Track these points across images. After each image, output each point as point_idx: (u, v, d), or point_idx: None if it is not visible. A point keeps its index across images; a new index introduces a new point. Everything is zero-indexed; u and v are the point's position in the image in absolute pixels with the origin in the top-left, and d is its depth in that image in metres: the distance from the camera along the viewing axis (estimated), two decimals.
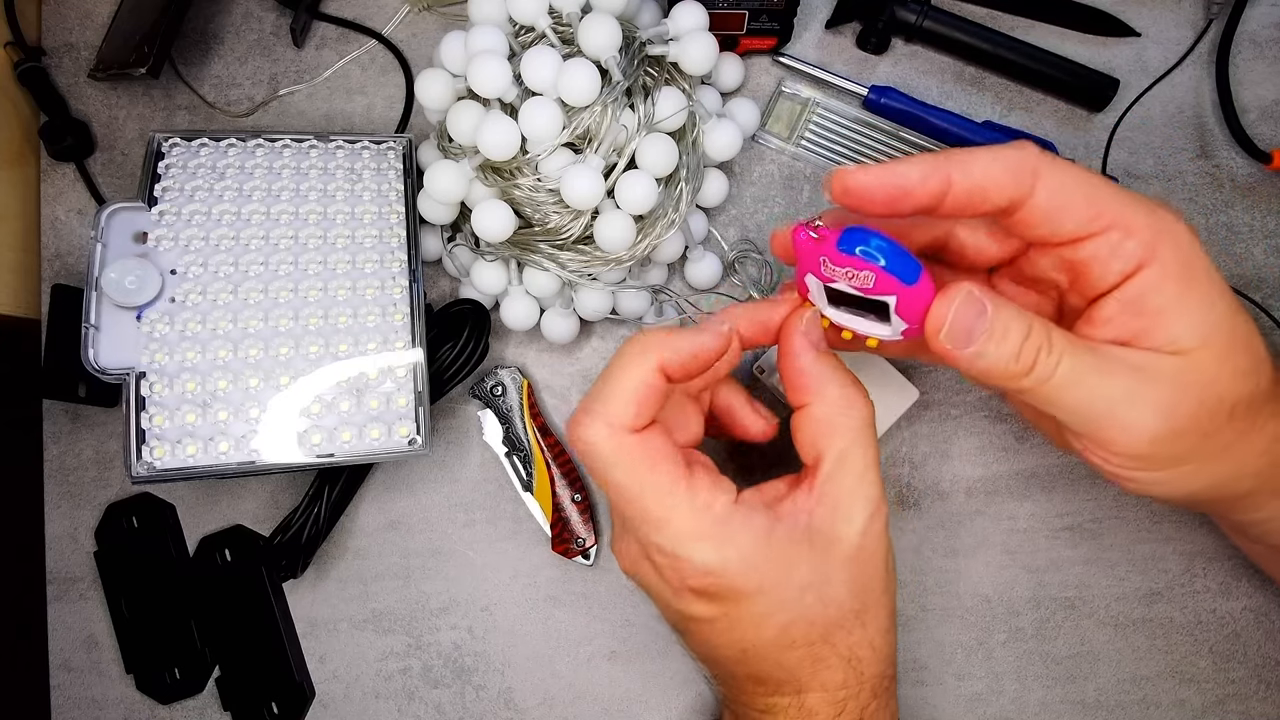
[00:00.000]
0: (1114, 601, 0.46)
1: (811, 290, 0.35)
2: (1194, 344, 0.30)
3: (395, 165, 0.45)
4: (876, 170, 0.31)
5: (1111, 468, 0.32)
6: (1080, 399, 0.31)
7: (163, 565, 0.47)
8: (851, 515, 0.34)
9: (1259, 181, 0.48)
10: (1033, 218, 0.31)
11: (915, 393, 0.45)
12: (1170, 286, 0.31)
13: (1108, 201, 0.31)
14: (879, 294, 0.31)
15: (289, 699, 0.46)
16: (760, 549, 0.33)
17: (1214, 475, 0.32)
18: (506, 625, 0.47)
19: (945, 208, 0.31)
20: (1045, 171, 0.30)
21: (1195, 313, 0.31)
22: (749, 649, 0.34)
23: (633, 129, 0.40)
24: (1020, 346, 0.30)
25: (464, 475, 0.47)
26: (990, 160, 0.30)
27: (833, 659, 0.34)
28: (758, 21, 0.45)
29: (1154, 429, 0.30)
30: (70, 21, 0.51)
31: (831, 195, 0.32)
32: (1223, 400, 0.31)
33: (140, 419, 0.38)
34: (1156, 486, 0.33)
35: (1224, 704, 0.45)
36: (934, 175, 0.30)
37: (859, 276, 0.31)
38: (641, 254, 0.42)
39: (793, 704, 0.35)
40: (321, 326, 0.41)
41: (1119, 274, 0.31)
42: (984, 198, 0.31)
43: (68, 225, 0.49)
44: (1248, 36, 0.48)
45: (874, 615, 0.35)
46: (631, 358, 0.33)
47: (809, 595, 0.33)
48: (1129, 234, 0.31)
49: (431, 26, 0.51)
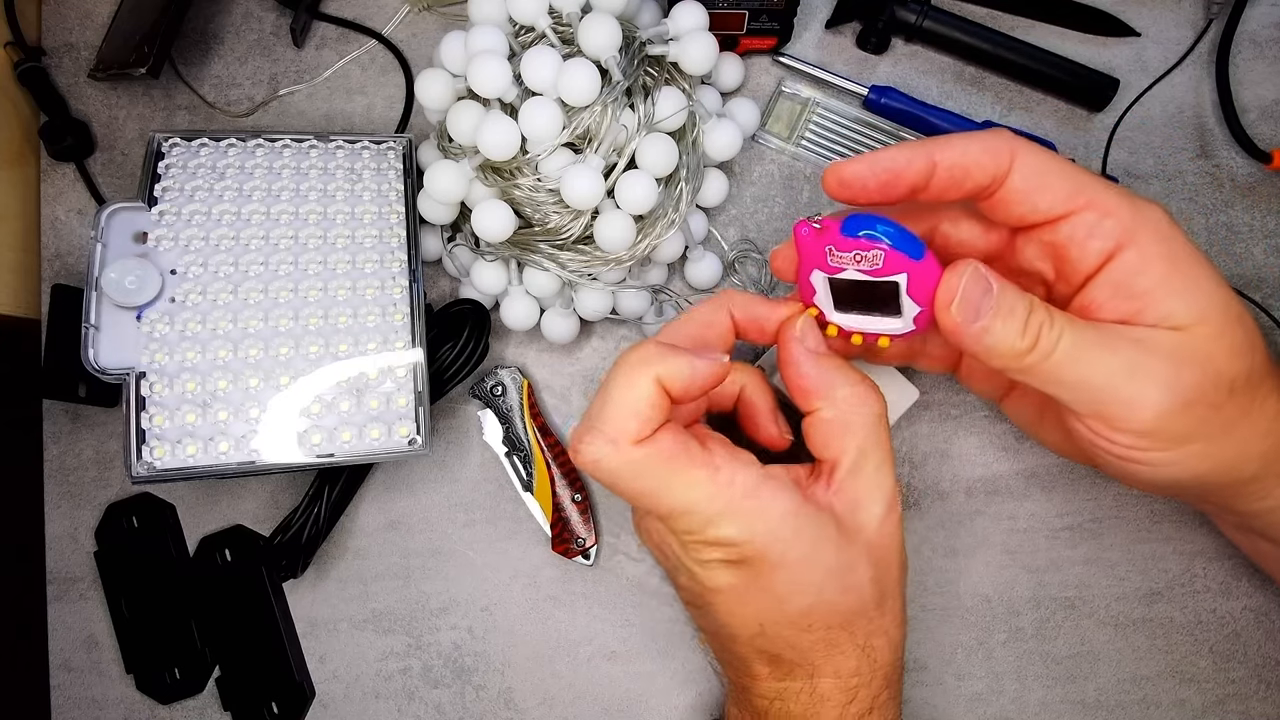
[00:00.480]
0: (1114, 601, 0.46)
1: (818, 293, 0.35)
2: (1190, 320, 0.31)
3: (395, 165, 0.45)
4: (866, 159, 0.33)
5: (1118, 450, 0.32)
6: (1083, 374, 0.31)
7: (163, 565, 0.47)
8: (871, 506, 0.34)
9: (1259, 181, 0.48)
10: (1011, 197, 0.32)
11: (915, 393, 0.45)
12: (1156, 267, 0.31)
13: (1084, 183, 0.32)
14: (889, 274, 0.32)
15: (289, 699, 0.46)
16: (789, 523, 0.33)
17: (1219, 457, 0.32)
18: (506, 625, 0.47)
19: (932, 189, 0.33)
20: (1022, 152, 0.32)
21: (1185, 291, 0.31)
22: (767, 623, 0.35)
23: (633, 129, 0.40)
24: (1025, 322, 0.31)
25: (464, 475, 0.47)
26: (969, 141, 0.32)
27: (848, 646, 0.35)
28: (758, 21, 0.45)
29: (1158, 402, 0.31)
30: (70, 21, 0.51)
31: (827, 189, 0.33)
32: (1222, 375, 0.31)
33: (140, 419, 0.38)
34: (1163, 469, 0.32)
35: (1224, 704, 0.45)
36: (919, 157, 0.32)
37: (868, 258, 0.32)
38: (641, 254, 0.42)
39: (804, 689, 0.35)
40: (321, 326, 0.41)
41: (1099, 254, 0.32)
42: (966, 175, 0.32)
43: (68, 225, 0.49)
44: (1248, 36, 0.48)
45: (891, 605, 0.36)
46: (629, 371, 0.33)
47: (833, 581, 0.34)
48: (1106, 214, 0.32)
49: (431, 26, 0.51)
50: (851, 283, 0.33)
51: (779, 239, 0.48)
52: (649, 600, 0.46)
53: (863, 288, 0.33)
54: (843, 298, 0.34)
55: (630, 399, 0.33)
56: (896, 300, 0.33)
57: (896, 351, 0.40)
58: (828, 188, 0.33)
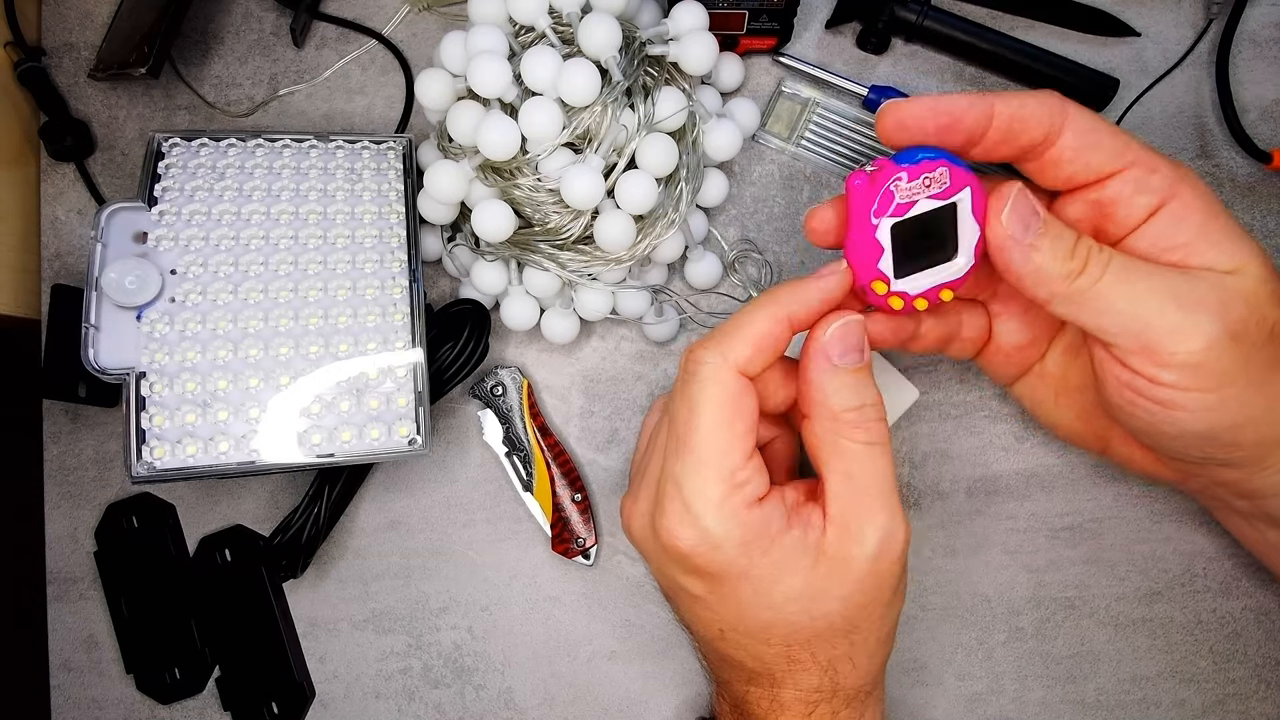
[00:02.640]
0: (1114, 601, 0.46)
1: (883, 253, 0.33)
2: (1230, 266, 0.32)
3: (395, 165, 0.45)
4: (928, 100, 0.33)
5: (1160, 392, 0.32)
6: (1133, 300, 0.31)
7: (163, 565, 0.47)
8: (863, 538, 0.33)
9: (1259, 181, 0.48)
10: (1064, 155, 0.33)
11: (915, 393, 0.45)
12: (1195, 218, 0.32)
13: (1129, 141, 0.33)
14: (955, 191, 0.33)
15: (289, 699, 0.46)
16: (760, 543, 0.33)
17: (1254, 406, 0.32)
18: (506, 625, 0.47)
19: (989, 139, 0.33)
20: (1074, 113, 0.33)
21: (1224, 242, 0.32)
22: (727, 631, 0.35)
23: (633, 129, 0.40)
24: (1074, 244, 0.32)
25: (464, 475, 0.47)
26: (1027, 97, 0.33)
27: (809, 664, 0.35)
28: (758, 21, 0.45)
29: (1209, 330, 0.31)
30: (70, 21, 0.51)
31: (883, 130, 0.33)
32: (1266, 318, 0.32)
33: (140, 419, 0.38)
34: (1201, 415, 0.32)
35: (1224, 704, 0.45)
36: (980, 104, 0.32)
37: (935, 178, 0.32)
38: (641, 254, 0.42)
39: (765, 695, 0.36)
40: (321, 326, 0.41)
41: (1145, 208, 0.33)
42: (1023, 128, 0.33)
43: (68, 225, 0.49)
44: (1248, 36, 0.48)
45: (864, 635, 0.35)
46: (763, 306, 0.34)
47: (796, 605, 0.33)
48: (1153, 170, 0.32)
49: (431, 26, 0.51)
50: (917, 223, 0.33)
51: (779, 239, 0.48)
52: (649, 600, 0.46)
53: (927, 225, 0.33)
54: (907, 249, 0.33)
55: (755, 331, 0.34)
56: (955, 230, 0.33)
57: (936, 335, 0.39)
58: (884, 129, 0.33)
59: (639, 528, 0.37)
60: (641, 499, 0.37)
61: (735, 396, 0.33)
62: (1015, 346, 0.40)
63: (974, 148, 0.33)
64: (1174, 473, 0.39)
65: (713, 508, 0.33)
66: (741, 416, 0.33)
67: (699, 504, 0.33)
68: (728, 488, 0.33)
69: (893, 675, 0.46)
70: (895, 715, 0.46)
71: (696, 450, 0.33)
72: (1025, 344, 0.40)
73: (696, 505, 0.33)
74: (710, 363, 0.33)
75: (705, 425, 0.33)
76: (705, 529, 0.33)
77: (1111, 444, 0.40)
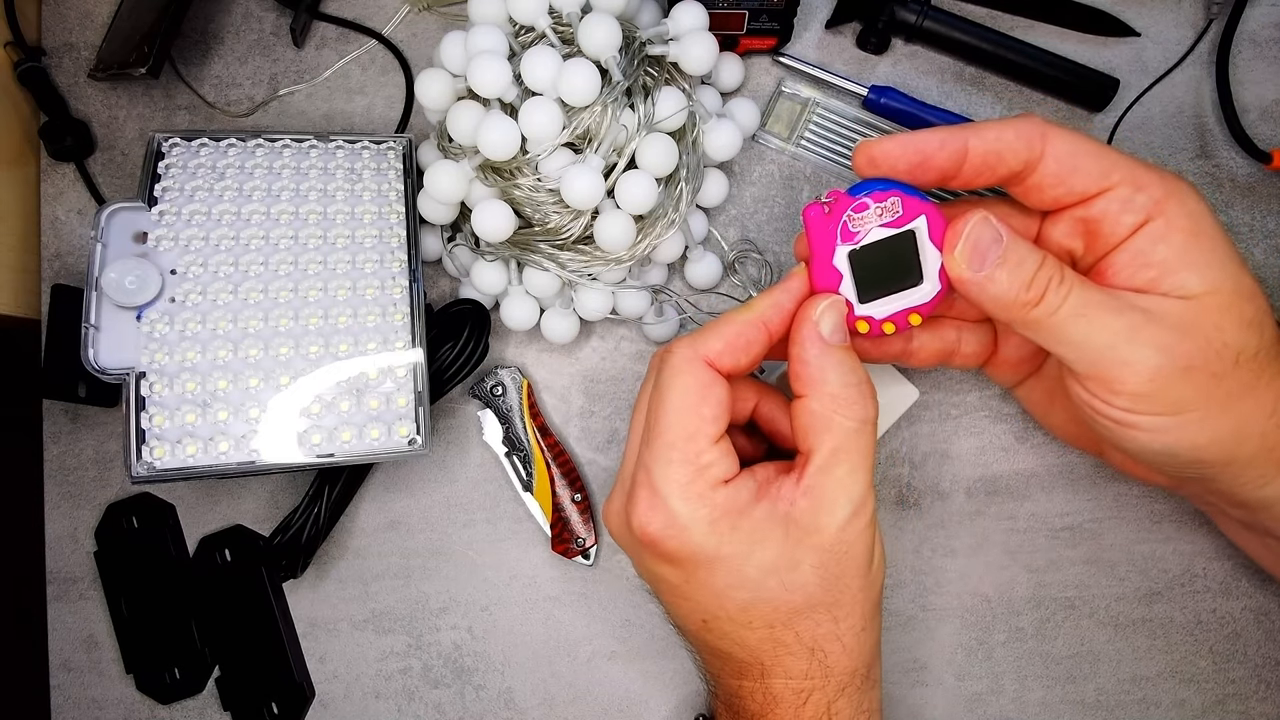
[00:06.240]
0: (1114, 601, 0.46)
1: (843, 280, 0.35)
2: (1200, 290, 0.32)
3: (395, 165, 0.45)
4: (899, 139, 0.33)
5: (1114, 413, 0.33)
6: (1086, 333, 0.32)
7: (163, 565, 0.47)
8: (835, 509, 0.34)
9: (1259, 181, 0.48)
10: (1045, 180, 0.33)
11: (915, 393, 0.45)
12: (1177, 237, 0.32)
13: (1116, 160, 0.33)
14: (909, 220, 0.33)
15: (289, 699, 0.46)
16: (728, 519, 0.33)
17: (1218, 429, 0.32)
18: (506, 625, 0.47)
19: (964, 174, 0.33)
20: (1053, 135, 0.33)
21: (1201, 263, 0.32)
22: (709, 620, 0.35)
23: (633, 129, 0.40)
24: (1033, 275, 0.32)
25: (464, 475, 0.47)
26: (1002, 127, 0.33)
27: (795, 646, 0.35)
28: (758, 21, 0.45)
29: (1155, 364, 0.31)
30: (70, 21, 0.51)
31: (857, 166, 0.34)
32: (1228, 346, 0.32)
33: (140, 419, 0.38)
34: (1159, 435, 0.33)
35: (1224, 704, 0.45)
36: (951, 141, 0.33)
37: (886, 208, 0.33)
38: (641, 254, 0.42)
39: (757, 688, 0.36)
40: (321, 326, 0.41)
41: (1130, 227, 0.33)
42: (999, 160, 0.33)
43: (68, 225, 0.49)
44: (1248, 36, 0.48)
45: (847, 612, 0.35)
46: (736, 310, 0.35)
47: (772, 579, 0.34)
48: (1139, 188, 0.32)
49: (431, 26, 0.51)
50: (875, 250, 0.34)
51: (779, 239, 0.48)
52: (649, 600, 0.46)
53: (886, 252, 0.33)
54: (867, 275, 0.34)
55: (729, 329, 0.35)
56: (918, 257, 0.33)
57: (932, 351, 0.40)
58: (857, 165, 0.34)
59: (617, 524, 0.37)
60: (617, 494, 0.37)
61: (703, 384, 0.34)
62: (1018, 358, 0.41)
63: (952, 181, 0.34)
64: (1167, 480, 0.40)
65: (678, 489, 0.33)
66: (708, 402, 0.34)
67: (665, 487, 0.33)
68: (693, 469, 0.33)
69: (893, 675, 0.46)
70: (895, 715, 0.46)
71: (664, 435, 0.34)
72: (1026, 356, 0.41)
73: (664, 489, 0.33)
74: (679, 354, 0.34)
75: (672, 410, 0.34)
76: (672, 511, 0.33)
77: (1105, 449, 0.41)
